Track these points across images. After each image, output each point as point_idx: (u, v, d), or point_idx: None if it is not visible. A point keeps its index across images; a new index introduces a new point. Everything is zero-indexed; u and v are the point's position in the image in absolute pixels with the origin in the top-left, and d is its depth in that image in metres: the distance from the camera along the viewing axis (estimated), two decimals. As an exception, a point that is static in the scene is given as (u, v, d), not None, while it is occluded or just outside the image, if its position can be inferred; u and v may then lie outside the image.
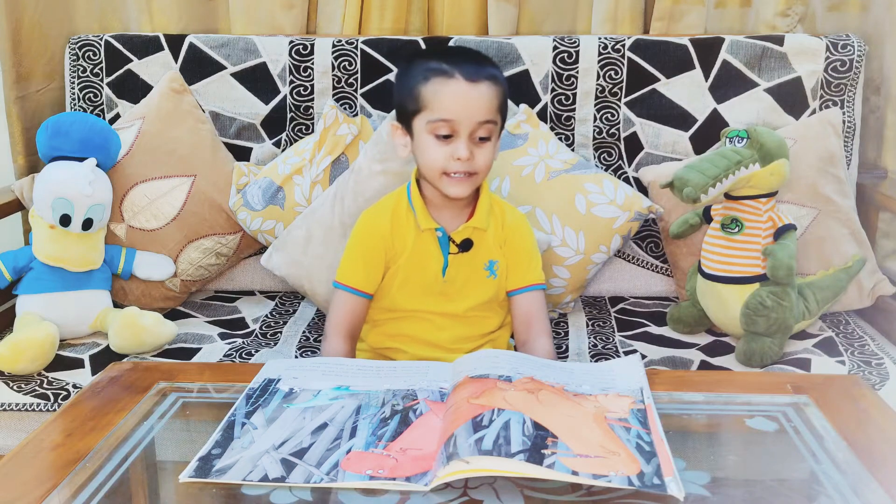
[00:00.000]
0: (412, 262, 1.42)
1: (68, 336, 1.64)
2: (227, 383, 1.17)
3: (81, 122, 1.71)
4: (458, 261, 1.41)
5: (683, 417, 1.08)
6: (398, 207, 1.43)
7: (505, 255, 1.44)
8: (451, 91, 1.32)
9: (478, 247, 1.42)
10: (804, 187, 1.73)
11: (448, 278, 1.41)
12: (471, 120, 1.31)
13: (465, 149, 1.31)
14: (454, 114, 1.31)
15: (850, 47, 1.85)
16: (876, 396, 1.12)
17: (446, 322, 1.44)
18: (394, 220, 1.42)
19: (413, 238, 1.41)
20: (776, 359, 1.54)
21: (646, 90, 1.88)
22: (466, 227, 1.40)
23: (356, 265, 1.43)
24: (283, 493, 0.89)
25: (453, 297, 1.43)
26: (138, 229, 1.78)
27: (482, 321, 1.46)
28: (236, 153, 1.93)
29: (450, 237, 1.41)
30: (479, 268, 1.43)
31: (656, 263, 1.90)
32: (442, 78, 1.32)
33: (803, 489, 0.94)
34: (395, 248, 1.42)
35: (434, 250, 1.41)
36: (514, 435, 0.92)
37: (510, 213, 1.47)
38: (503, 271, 1.44)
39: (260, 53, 1.93)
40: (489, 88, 1.33)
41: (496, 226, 1.44)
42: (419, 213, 1.40)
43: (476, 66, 1.34)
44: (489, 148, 1.35)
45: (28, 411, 1.45)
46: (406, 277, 1.42)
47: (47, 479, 0.93)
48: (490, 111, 1.33)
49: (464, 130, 1.31)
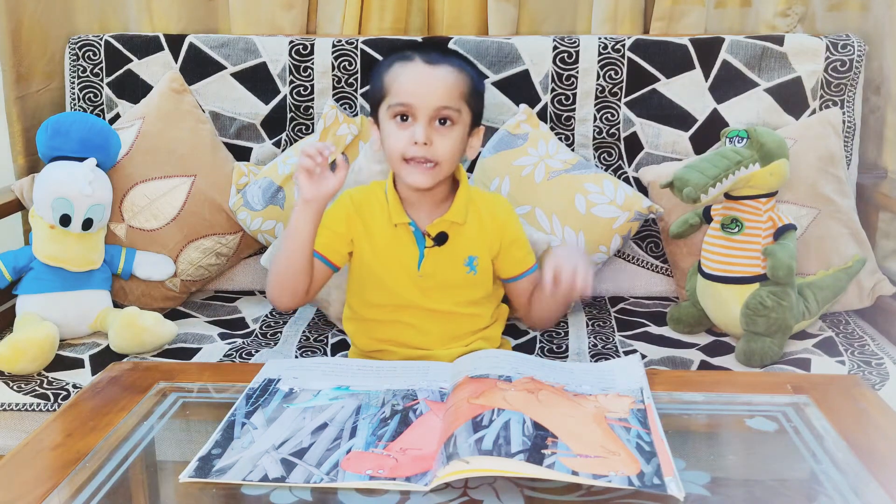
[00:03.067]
0: (386, 254, 1.40)
1: (68, 336, 1.64)
2: (227, 383, 1.17)
3: (81, 122, 1.71)
4: (434, 255, 1.39)
5: (683, 417, 1.08)
6: (374, 196, 1.42)
7: (500, 244, 1.42)
8: (409, 73, 1.32)
9: (456, 242, 1.40)
10: (804, 187, 1.73)
11: (424, 272, 1.39)
12: (428, 103, 1.30)
13: (423, 133, 1.30)
14: (411, 95, 1.30)
15: (850, 47, 1.85)
16: (876, 396, 1.12)
17: (430, 323, 1.42)
18: (363, 206, 1.40)
19: (385, 230, 1.40)
20: (776, 359, 1.54)
21: (646, 90, 1.88)
22: (442, 221, 1.38)
23: (321, 231, 1.37)
24: (283, 493, 0.89)
25: (431, 293, 1.41)
26: (138, 229, 1.78)
27: (470, 319, 1.44)
28: (236, 153, 1.93)
29: (424, 231, 1.39)
30: (458, 263, 1.41)
31: (656, 263, 1.90)
32: (401, 62, 1.34)
33: (803, 489, 0.94)
34: (361, 228, 1.40)
35: (409, 244, 1.39)
36: (514, 435, 0.92)
37: (497, 205, 1.45)
38: (485, 266, 1.42)
39: (260, 53, 1.93)
40: (449, 73, 1.32)
41: (476, 220, 1.41)
42: (392, 208, 1.38)
43: (440, 54, 1.34)
44: (452, 137, 1.32)
45: (28, 411, 1.45)
46: (381, 269, 1.40)
47: (47, 479, 0.93)
48: (449, 97, 1.31)
49: (421, 114, 1.30)
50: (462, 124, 1.34)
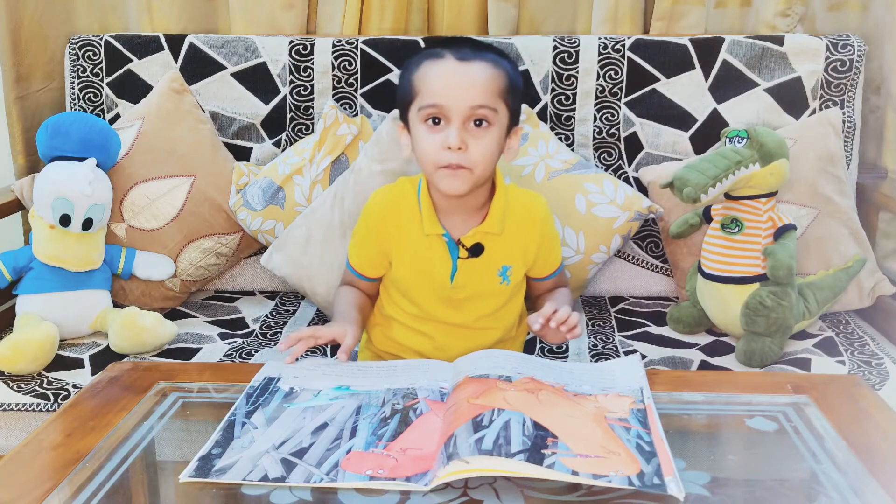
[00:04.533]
0: (416, 265, 1.33)
1: (68, 336, 1.64)
2: (227, 383, 1.17)
3: (81, 122, 1.71)
4: (468, 266, 1.31)
5: (683, 417, 1.08)
6: (404, 201, 1.33)
7: (537, 250, 1.35)
8: (440, 72, 1.22)
9: (490, 252, 1.31)
10: (804, 187, 1.73)
11: (457, 284, 1.32)
12: (462, 103, 1.20)
13: (457, 136, 1.19)
14: (443, 97, 1.20)
15: (850, 47, 1.85)
16: (876, 396, 1.12)
17: (450, 338, 1.36)
18: (392, 214, 1.33)
19: (417, 238, 1.32)
20: (776, 359, 1.54)
21: (646, 90, 1.88)
22: (477, 232, 1.30)
23: (355, 247, 1.38)
24: (283, 493, 0.89)
25: (461, 305, 1.34)
26: (138, 229, 1.78)
27: (489, 333, 1.38)
28: (236, 153, 1.93)
29: (458, 241, 1.31)
30: (491, 274, 1.33)
31: (656, 263, 1.90)
32: (432, 60, 1.23)
33: (803, 489, 0.94)
34: (390, 242, 1.34)
35: (441, 255, 1.31)
36: (514, 435, 0.92)
37: (535, 206, 1.36)
38: (518, 275, 1.35)
39: (260, 53, 1.93)
40: (484, 69, 1.22)
41: (513, 228, 1.33)
42: (426, 217, 1.30)
43: (472, 49, 1.24)
44: (488, 139, 1.22)
45: (28, 411, 1.45)
46: (410, 283, 1.35)
47: (47, 479, 0.93)
48: (485, 94, 1.21)
49: (455, 116, 1.20)
50: (499, 125, 1.24)
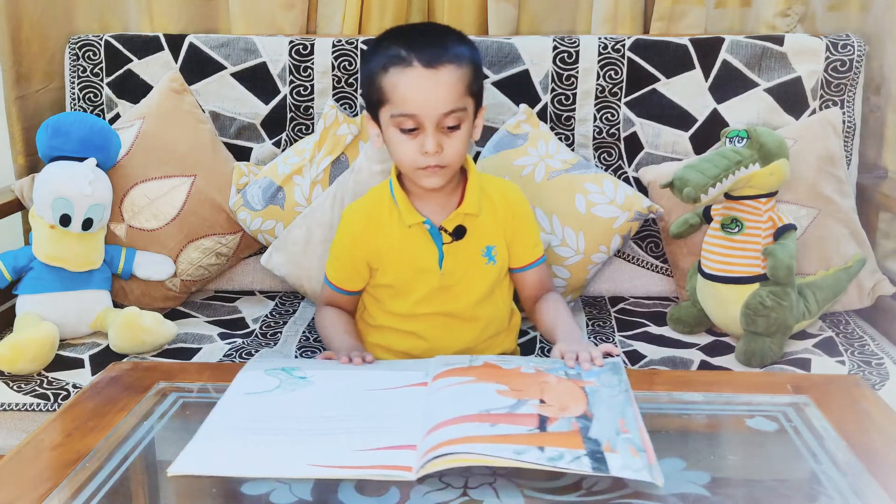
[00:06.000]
0: (404, 260, 1.37)
1: (68, 336, 1.64)
2: (227, 383, 1.17)
3: (81, 122, 1.71)
4: (453, 250, 1.37)
5: (683, 417, 1.08)
6: (380, 203, 1.38)
7: (513, 232, 1.41)
8: (410, 82, 1.25)
9: (472, 233, 1.37)
10: (804, 187, 1.73)
11: (446, 270, 1.37)
12: (434, 111, 1.25)
13: (433, 142, 1.25)
14: (416, 107, 1.25)
15: (850, 47, 1.85)
16: (876, 396, 1.12)
17: (444, 332, 1.40)
18: (372, 217, 1.38)
19: (400, 234, 1.37)
20: (776, 359, 1.54)
21: (646, 90, 1.88)
22: (457, 215, 1.36)
23: (334, 263, 1.44)
24: (283, 493, 0.89)
25: (454, 290, 1.38)
26: (138, 229, 1.78)
27: (482, 325, 1.42)
28: (236, 153, 1.93)
29: (440, 227, 1.36)
30: (476, 256, 1.38)
31: (656, 263, 1.90)
32: (399, 67, 1.26)
33: (803, 489, 0.94)
34: (374, 246, 1.38)
35: (425, 243, 1.36)
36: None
37: (508, 190, 1.43)
38: (503, 255, 1.41)
39: (260, 53, 1.93)
40: (452, 73, 1.26)
41: (489, 209, 1.39)
42: (403, 209, 1.35)
43: (437, 49, 1.26)
44: (460, 137, 1.28)
45: (28, 411, 1.45)
46: (402, 278, 1.38)
47: (47, 479, 0.93)
48: (455, 98, 1.26)
49: (428, 123, 1.25)
50: (469, 118, 1.30)
